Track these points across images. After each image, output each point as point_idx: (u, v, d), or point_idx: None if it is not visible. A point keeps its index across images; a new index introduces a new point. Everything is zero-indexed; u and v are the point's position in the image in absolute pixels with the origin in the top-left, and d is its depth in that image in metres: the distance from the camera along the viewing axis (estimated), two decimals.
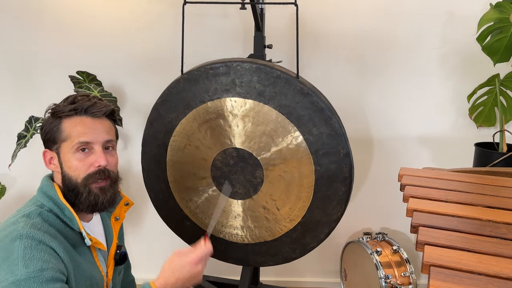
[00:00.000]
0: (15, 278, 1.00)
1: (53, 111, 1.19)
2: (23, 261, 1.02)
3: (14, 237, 1.06)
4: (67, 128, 1.17)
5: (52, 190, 1.18)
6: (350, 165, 1.66)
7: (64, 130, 1.17)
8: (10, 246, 1.05)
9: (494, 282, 0.83)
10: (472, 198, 1.22)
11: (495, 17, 1.93)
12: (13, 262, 1.02)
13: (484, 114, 2.24)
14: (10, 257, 1.03)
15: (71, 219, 1.17)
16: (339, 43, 2.27)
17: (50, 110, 1.21)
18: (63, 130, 1.17)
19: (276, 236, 1.82)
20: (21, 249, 1.04)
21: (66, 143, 1.17)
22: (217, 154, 1.77)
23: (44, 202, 1.17)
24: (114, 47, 2.32)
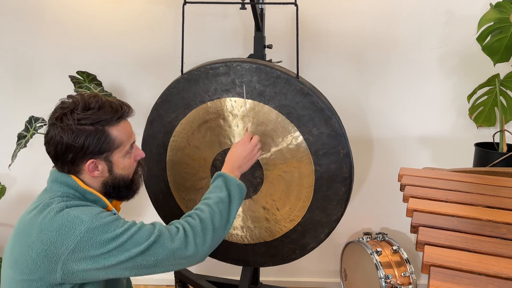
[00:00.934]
0: (86, 225, 1.11)
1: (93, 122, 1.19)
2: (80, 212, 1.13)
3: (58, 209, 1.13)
4: (118, 136, 1.23)
5: (70, 179, 1.21)
6: (350, 165, 1.66)
7: (116, 138, 1.22)
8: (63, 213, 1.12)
9: (494, 282, 0.83)
10: (472, 198, 1.22)
11: (495, 17, 1.93)
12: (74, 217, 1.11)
13: (484, 114, 2.24)
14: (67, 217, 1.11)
15: (93, 201, 1.22)
16: (339, 43, 2.27)
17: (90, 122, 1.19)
18: (114, 139, 1.22)
19: (276, 236, 1.82)
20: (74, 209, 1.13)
21: (119, 149, 1.24)
22: (217, 154, 1.77)
23: (63, 190, 1.21)
24: (114, 47, 2.32)
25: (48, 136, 1.21)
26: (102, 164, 1.23)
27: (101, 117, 1.20)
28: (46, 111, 2.48)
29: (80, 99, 1.21)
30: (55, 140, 1.19)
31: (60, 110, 1.20)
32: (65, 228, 1.10)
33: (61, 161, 1.21)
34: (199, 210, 1.30)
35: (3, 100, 2.40)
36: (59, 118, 1.19)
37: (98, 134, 1.19)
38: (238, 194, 1.39)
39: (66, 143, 1.17)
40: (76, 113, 1.18)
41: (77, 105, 1.20)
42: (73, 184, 1.21)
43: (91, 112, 1.19)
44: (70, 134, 1.17)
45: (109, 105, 1.22)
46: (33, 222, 1.15)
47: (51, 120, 1.21)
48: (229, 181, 1.39)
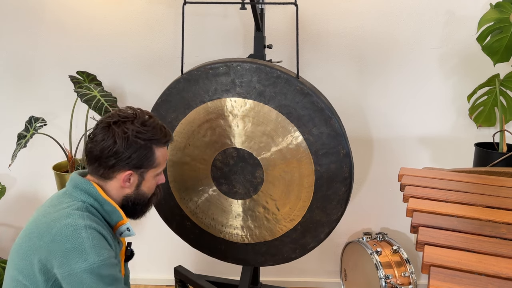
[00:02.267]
0: (88, 266, 1.11)
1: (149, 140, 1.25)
2: (94, 250, 1.13)
3: (77, 228, 1.14)
4: (159, 157, 1.29)
5: (91, 187, 1.24)
6: (350, 165, 1.67)
7: (157, 158, 1.29)
8: (77, 236, 1.13)
9: (494, 282, 0.83)
10: (472, 198, 1.22)
11: (495, 17, 1.93)
12: (84, 251, 1.12)
13: (484, 114, 2.24)
14: (80, 246, 1.12)
15: (110, 213, 1.26)
16: (339, 43, 2.27)
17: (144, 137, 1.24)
18: (156, 158, 1.28)
19: (276, 236, 1.82)
20: (90, 240, 1.13)
21: (154, 169, 1.30)
22: (217, 154, 1.78)
23: (84, 198, 1.23)
24: (114, 47, 2.32)
25: (98, 136, 1.23)
26: (136, 177, 1.28)
27: (154, 136, 1.27)
28: (46, 111, 2.49)
29: (140, 113, 1.28)
30: (105, 143, 1.22)
31: (118, 117, 1.25)
32: (70, 256, 1.12)
33: (100, 162, 1.24)
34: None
35: (3, 100, 2.40)
36: (117, 123, 1.24)
37: (146, 150, 1.26)
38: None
39: (117, 149, 1.22)
40: (136, 125, 1.24)
41: (136, 118, 1.26)
42: (94, 193, 1.24)
43: (147, 128, 1.26)
44: (125, 142, 1.22)
45: (160, 127, 1.29)
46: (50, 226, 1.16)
47: (105, 123, 1.25)
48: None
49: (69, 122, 2.18)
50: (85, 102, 1.99)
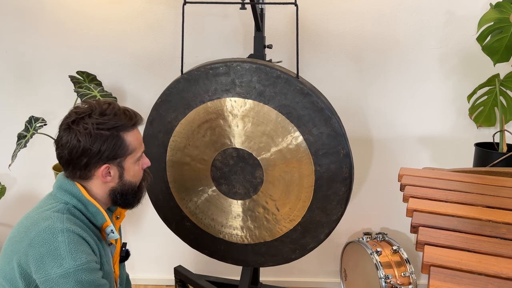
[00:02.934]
0: (63, 271, 1.07)
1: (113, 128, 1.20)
2: (70, 254, 1.09)
3: (54, 231, 1.10)
4: (132, 142, 1.24)
5: (75, 188, 1.22)
6: (350, 165, 1.66)
7: (130, 144, 1.24)
8: (53, 240, 1.09)
9: (494, 282, 0.83)
10: (472, 198, 1.22)
11: (495, 17, 1.93)
12: (60, 255, 1.08)
13: (484, 114, 2.24)
14: (56, 251, 1.08)
15: (94, 214, 1.22)
16: (339, 43, 2.27)
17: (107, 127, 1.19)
18: (128, 144, 1.23)
19: (276, 237, 1.82)
20: (66, 243, 1.09)
21: (132, 155, 1.25)
22: (217, 154, 1.77)
23: (67, 199, 1.21)
24: (114, 47, 2.32)
25: (63, 140, 1.20)
26: (115, 169, 1.24)
27: (118, 123, 1.21)
28: (46, 111, 2.49)
29: (96, 105, 1.22)
30: (71, 144, 1.18)
31: (75, 115, 1.20)
32: (46, 260, 1.08)
33: (73, 165, 1.21)
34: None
35: (3, 100, 2.40)
36: (75, 122, 1.19)
37: (114, 139, 1.20)
38: None
39: (83, 147, 1.17)
40: (94, 117, 1.19)
41: (93, 111, 1.21)
42: (77, 194, 1.21)
43: (108, 117, 1.21)
44: (88, 138, 1.17)
45: (123, 112, 1.24)
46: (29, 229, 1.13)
47: (65, 125, 1.21)
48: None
49: None
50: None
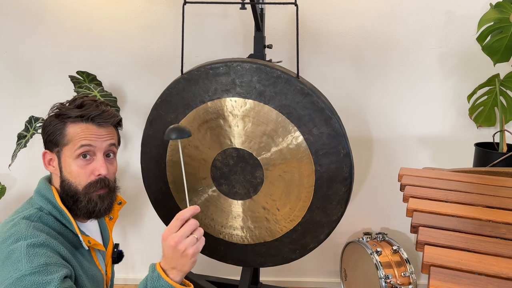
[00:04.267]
0: (19, 274, 1.00)
1: (59, 114, 1.18)
2: (26, 257, 1.02)
3: (16, 238, 1.06)
4: (70, 133, 1.17)
5: (50, 193, 1.18)
6: (350, 165, 1.66)
7: (68, 134, 1.17)
8: (14, 246, 1.04)
9: (494, 282, 0.83)
10: (472, 198, 1.22)
11: (495, 17, 1.93)
12: (16, 259, 1.02)
13: (484, 114, 2.24)
14: (12, 255, 1.03)
15: (69, 222, 1.18)
16: (339, 43, 2.27)
17: (55, 111, 1.20)
18: (66, 134, 1.17)
19: (276, 237, 1.81)
20: (23, 247, 1.03)
21: (68, 147, 1.17)
22: (217, 154, 1.77)
23: (42, 205, 1.17)
24: (114, 47, 2.32)
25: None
26: (54, 158, 1.20)
27: (65, 110, 1.18)
28: (46, 111, 2.49)
29: (76, 97, 1.22)
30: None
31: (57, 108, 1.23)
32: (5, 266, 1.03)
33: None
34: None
35: (3, 99, 2.40)
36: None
37: (56, 125, 1.17)
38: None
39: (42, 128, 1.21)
40: (59, 106, 1.21)
41: (68, 101, 1.22)
42: (51, 199, 1.17)
43: (68, 106, 1.19)
44: (44, 123, 1.21)
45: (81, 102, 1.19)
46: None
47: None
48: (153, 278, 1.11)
49: None
50: None
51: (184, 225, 1.09)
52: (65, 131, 1.17)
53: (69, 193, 1.18)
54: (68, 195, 1.18)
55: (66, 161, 1.17)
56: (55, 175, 1.22)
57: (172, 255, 1.08)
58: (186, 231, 1.08)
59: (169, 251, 1.09)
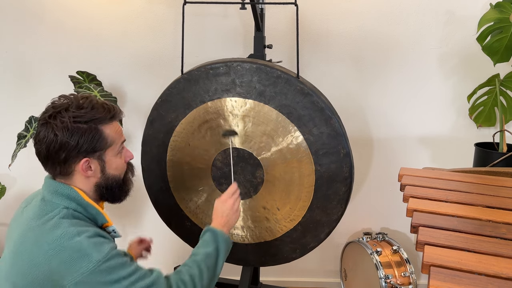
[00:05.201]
0: (94, 264, 1.09)
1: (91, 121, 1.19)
2: (93, 248, 1.10)
3: (71, 235, 1.11)
4: (110, 135, 1.23)
5: (73, 191, 1.20)
6: (351, 164, 1.67)
7: (108, 137, 1.22)
8: (73, 242, 1.10)
9: (494, 282, 0.83)
10: (472, 198, 1.23)
11: (495, 17, 1.93)
12: (85, 253, 1.09)
13: (484, 114, 2.24)
14: (80, 250, 1.09)
15: (95, 216, 1.23)
16: (339, 43, 2.27)
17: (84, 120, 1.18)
18: (106, 137, 1.22)
19: (277, 236, 1.82)
20: (85, 240, 1.10)
21: (111, 148, 1.24)
22: (217, 154, 1.78)
23: (66, 204, 1.19)
24: (114, 47, 2.32)
25: (40, 135, 1.18)
26: (95, 163, 1.22)
27: (95, 116, 1.20)
28: None
29: (73, 99, 1.21)
30: (48, 139, 1.16)
31: (52, 109, 1.19)
32: (74, 261, 1.09)
33: (52, 160, 1.19)
34: (189, 267, 1.32)
35: (3, 100, 2.40)
36: (52, 116, 1.17)
37: (92, 132, 1.19)
38: (225, 248, 1.42)
39: (61, 141, 1.16)
40: (71, 111, 1.18)
41: (70, 104, 1.19)
42: (76, 197, 1.20)
43: (85, 111, 1.19)
44: (65, 132, 1.16)
45: (101, 105, 1.23)
46: (40, 241, 1.11)
47: (42, 120, 1.19)
48: (217, 236, 1.41)
49: None
50: None
51: (236, 192, 1.56)
52: (104, 134, 1.21)
53: (113, 185, 1.28)
54: (111, 188, 1.27)
55: (111, 160, 1.25)
56: (84, 180, 1.23)
57: (228, 212, 1.49)
58: (237, 195, 1.56)
59: (227, 210, 1.50)
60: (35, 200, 1.25)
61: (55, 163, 1.20)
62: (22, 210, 1.26)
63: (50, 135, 1.16)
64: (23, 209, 1.26)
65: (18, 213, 1.28)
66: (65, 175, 1.22)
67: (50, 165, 1.21)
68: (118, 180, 1.29)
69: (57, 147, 1.17)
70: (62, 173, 1.21)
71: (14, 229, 1.22)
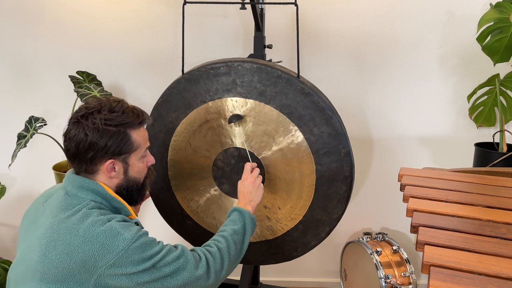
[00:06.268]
0: (127, 243, 1.15)
1: (120, 125, 1.25)
2: (124, 229, 1.17)
3: (102, 222, 1.17)
4: (137, 139, 1.29)
5: (98, 186, 1.26)
6: (351, 164, 1.67)
7: (135, 141, 1.29)
8: (105, 227, 1.16)
9: (494, 282, 0.84)
10: (472, 198, 1.23)
11: (495, 17, 1.94)
12: (118, 233, 1.16)
13: (484, 114, 2.25)
14: (112, 232, 1.15)
15: (119, 209, 1.29)
16: (339, 43, 2.27)
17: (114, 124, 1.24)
18: (133, 141, 1.28)
19: (277, 235, 1.82)
20: (116, 224, 1.17)
21: (136, 152, 1.31)
22: (218, 154, 1.78)
23: (91, 198, 1.25)
24: (114, 47, 2.32)
25: (71, 133, 1.24)
26: (119, 165, 1.28)
27: (125, 120, 1.26)
28: (46, 111, 2.49)
29: (106, 102, 1.28)
30: (78, 138, 1.22)
31: (85, 110, 1.25)
32: (108, 243, 1.14)
33: (79, 159, 1.25)
34: (217, 241, 1.38)
35: (3, 100, 2.40)
36: (84, 116, 1.24)
37: (121, 135, 1.25)
38: (251, 226, 1.49)
39: (90, 141, 1.22)
40: (103, 113, 1.24)
41: (103, 107, 1.26)
42: (101, 192, 1.26)
43: (116, 114, 1.26)
44: (96, 133, 1.22)
45: (131, 110, 1.30)
46: (73, 231, 1.16)
47: (74, 119, 1.25)
48: (243, 214, 1.49)
49: None
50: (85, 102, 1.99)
51: (255, 169, 1.63)
52: (131, 138, 1.28)
53: (133, 187, 1.34)
54: (132, 189, 1.34)
55: (134, 164, 1.32)
56: (106, 179, 1.29)
57: (251, 189, 1.56)
58: (257, 171, 1.63)
59: (249, 187, 1.56)
60: (57, 195, 1.29)
61: (82, 161, 1.25)
62: (43, 204, 1.30)
63: (81, 134, 1.22)
64: (43, 204, 1.30)
65: (38, 208, 1.31)
66: (89, 173, 1.27)
67: (77, 162, 1.26)
68: (138, 183, 1.35)
69: (86, 146, 1.22)
70: (87, 170, 1.27)
71: (34, 223, 1.26)
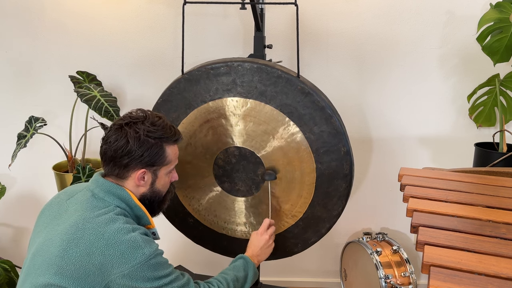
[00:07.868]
0: (145, 258, 1.20)
1: (159, 138, 1.33)
2: (145, 243, 1.22)
3: (127, 231, 1.22)
4: (169, 155, 1.37)
5: (125, 192, 1.32)
6: (351, 162, 1.67)
7: (167, 156, 1.36)
8: (129, 236, 1.20)
9: (494, 282, 0.84)
10: (472, 198, 1.23)
11: (495, 17, 1.94)
12: (139, 246, 1.20)
13: (484, 114, 2.25)
14: (134, 244, 1.20)
15: (139, 217, 1.35)
16: (339, 43, 2.27)
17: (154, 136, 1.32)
18: (166, 156, 1.36)
19: (278, 232, 1.82)
20: (139, 237, 1.22)
21: (166, 166, 1.38)
22: (219, 153, 1.78)
23: (116, 203, 1.30)
24: (114, 47, 2.32)
25: (112, 138, 1.31)
26: (149, 176, 1.35)
27: (164, 135, 1.34)
28: (46, 111, 2.49)
29: (149, 115, 1.36)
30: (119, 143, 1.29)
31: (129, 118, 1.34)
32: (128, 253, 1.19)
33: (114, 162, 1.31)
34: (219, 281, 1.45)
35: (3, 100, 2.40)
36: (128, 124, 1.32)
37: (157, 148, 1.33)
38: (252, 278, 1.55)
39: (129, 148, 1.29)
40: (146, 125, 1.32)
41: (146, 119, 1.34)
42: (127, 198, 1.31)
43: (157, 128, 1.33)
44: (137, 141, 1.30)
45: (169, 127, 1.37)
46: (99, 233, 1.20)
47: (118, 125, 1.33)
48: (249, 265, 1.55)
49: (69, 122, 2.18)
50: (85, 102, 1.99)
51: (271, 227, 1.67)
52: (165, 153, 1.35)
53: (155, 199, 1.40)
54: (154, 200, 1.40)
55: (162, 177, 1.39)
56: (134, 186, 1.35)
57: (263, 246, 1.62)
58: (273, 229, 1.68)
59: (262, 243, 1.62)
60: (82, 195, 1.32)
61: (116, 165, 1.32)
62: (66, 201, 1.33)
63: (122, 140, 1.30)
64: (66, 201, 1.33)
65: (61, 204, 1.34)
66: (120, 178, 1.34)
67: (111, 166, 1.33)
68: (160, 196, 1.42)
69: (125, 152, 1.30)
70: (118, 175, 1.33)
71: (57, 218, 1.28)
